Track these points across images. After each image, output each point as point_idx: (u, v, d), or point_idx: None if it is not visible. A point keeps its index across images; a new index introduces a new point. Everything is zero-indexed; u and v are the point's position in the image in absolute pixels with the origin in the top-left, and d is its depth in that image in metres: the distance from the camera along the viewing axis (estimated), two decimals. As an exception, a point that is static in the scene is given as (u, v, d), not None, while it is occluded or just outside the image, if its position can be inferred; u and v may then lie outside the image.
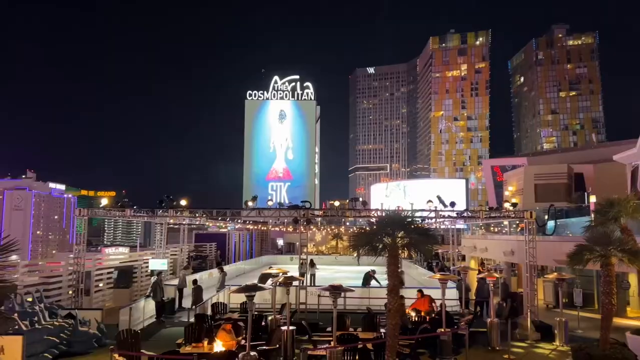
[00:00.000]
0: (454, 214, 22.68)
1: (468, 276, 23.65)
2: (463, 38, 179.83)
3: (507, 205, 22.32)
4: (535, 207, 33.32)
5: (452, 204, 22.05)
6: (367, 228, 11.84)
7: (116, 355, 11.88)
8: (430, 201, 21.37)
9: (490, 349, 15.79)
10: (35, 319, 14.03)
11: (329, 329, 15.15)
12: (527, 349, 16.16)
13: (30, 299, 15.12)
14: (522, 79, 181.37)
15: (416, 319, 16.87)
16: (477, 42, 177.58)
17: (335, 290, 11.41)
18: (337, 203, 23.24)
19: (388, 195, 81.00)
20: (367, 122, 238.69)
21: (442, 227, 38.84)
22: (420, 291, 18.56)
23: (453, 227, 34.84)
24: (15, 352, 11.92)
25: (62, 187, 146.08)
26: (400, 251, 10.34)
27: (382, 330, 14.35)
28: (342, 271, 45.24)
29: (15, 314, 13.20)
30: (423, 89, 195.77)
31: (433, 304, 17.82)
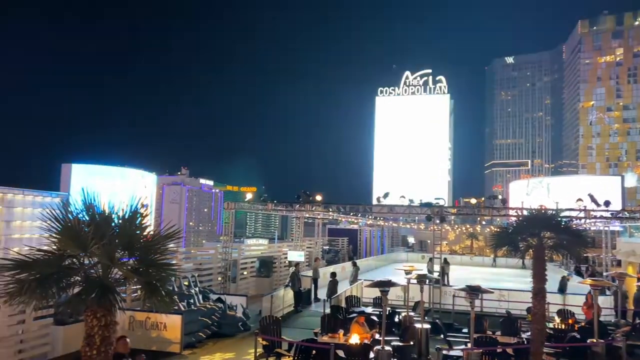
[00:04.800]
0: (609, 215, 20.51)
1: (625, 283, 21.22)
2: (618, 19, 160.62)
3: (675, 205, 19.65)
4: None
5: (607, 203, 19.98)
6: (503, 226, 11.25)
7: (260, 339, 12.74)
8: (580, 200, 19.57)
9: (653, 367, 14.04)
10: (192, 301, 15.60)
11: (464, 330, 14.68)
12: (702, 371, 14.06)
13: (186, 283, 16.80)
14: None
15: (562, 325, 15.60)
16: (637, 22, 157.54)
17: (473, 291, 11.00)
18: (473, 200, 22.23)
19: (529, 193, 75.54)
20: (505, 115, 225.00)
21: (593, 228, 35.27)
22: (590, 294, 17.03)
23: (606, 228, 31.47)
24: (175, 329, 13.45)
25: (211, 182, 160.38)
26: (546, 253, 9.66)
27: (524, 336, 13.55)
28: (478, 272, 43.43)
29: (175, 296, 14.81)
30: (570, 78, 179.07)
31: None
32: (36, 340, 12.10)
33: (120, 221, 6.27)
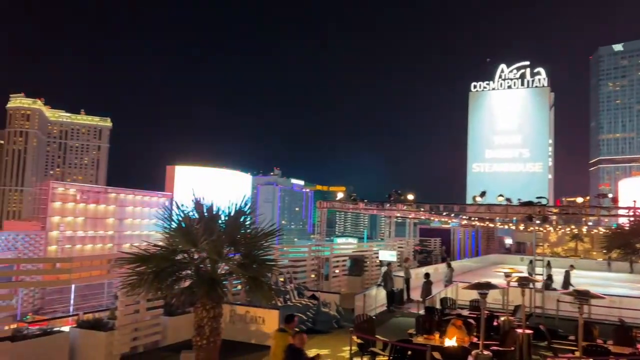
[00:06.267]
0: None
1: None
2: None
3: None
4: None
5: None
6: (612, 227, 10.39)
7: (354, 337, 12.83)
8: None
9: None
10: (287, 297, 16.08)
11: (570, 337, 13.77)
12: None
13: (282, 279, 17.34)
14: None
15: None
16: None
17: (582, 296, 10.28)
18: (579, 199, 20.69)
19: (642, 191, 69.10)
20: (612, 107, 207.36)
21: None
22: None
23: None
24: (273, 323, 13.92)
25: (302, 182, 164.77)
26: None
27: (640, 347, 12.43)
28: (583, 276, 40.47)
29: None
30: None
31: None
32: (148, 329, 13.09)
33: (226, 219, 6.65)
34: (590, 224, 52.45)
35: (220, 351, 7.05)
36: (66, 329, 12.38)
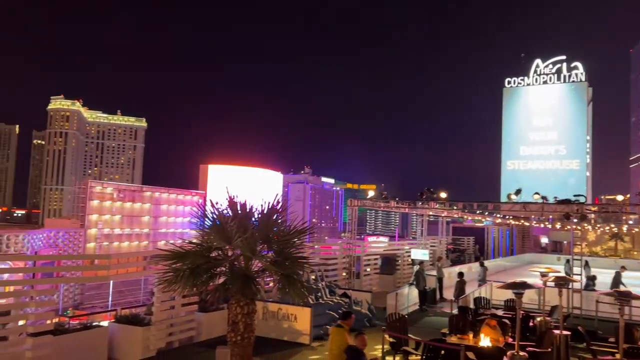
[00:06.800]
0: None
1: None
2: None
3: None
4: None
5: None
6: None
7: (387, 336, 12.77)
8: None
9: None
10: (319, 294, 16.12)
11: (610, 339, 13.38)
12: None
13: (313, 277, 17.40)
14: None
15: None
16: None
17: (623, 297, 9.96)
18: (619, 197, 20.09)
19: (687, 189, 66.30)
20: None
21: None
22: None
23: None
24: (305, 320, 14.01)
25: (332, 180, 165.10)
26: None
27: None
28: (624, 276, 39.24)
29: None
30: None
31: None
32: (183, 325, 13.36)
33: (259, 216, 6.73)
34: (630, 222, 50.69)
35: (254, 347, 7.12)
36: (105, 323, 12.75)
